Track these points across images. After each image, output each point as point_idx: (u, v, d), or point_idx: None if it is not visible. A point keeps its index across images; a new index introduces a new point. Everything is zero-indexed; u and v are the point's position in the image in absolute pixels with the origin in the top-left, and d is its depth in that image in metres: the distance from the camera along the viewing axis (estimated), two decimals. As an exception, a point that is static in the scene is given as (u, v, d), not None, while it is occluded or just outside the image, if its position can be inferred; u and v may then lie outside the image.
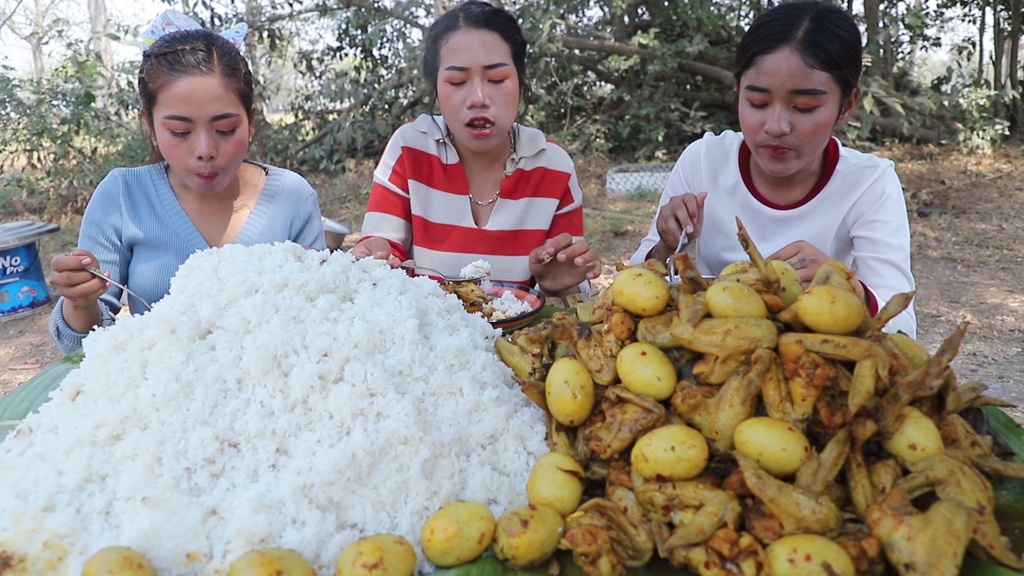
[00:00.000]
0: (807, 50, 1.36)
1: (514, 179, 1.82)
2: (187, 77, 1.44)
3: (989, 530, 0.63)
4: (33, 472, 0.71)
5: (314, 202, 1.81)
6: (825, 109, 1.40)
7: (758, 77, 1.42)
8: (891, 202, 1.55)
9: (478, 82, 1.60)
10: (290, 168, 9.54)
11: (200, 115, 1.45)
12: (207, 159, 1.48)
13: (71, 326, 1.46)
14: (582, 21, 11.18)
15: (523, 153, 1.82)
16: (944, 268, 5.10)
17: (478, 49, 1.59)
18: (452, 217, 1.82)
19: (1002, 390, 3.18)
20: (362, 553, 0.64)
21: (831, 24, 1.38)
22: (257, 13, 10.26)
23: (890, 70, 9.17)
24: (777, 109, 1.42)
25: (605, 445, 0.74)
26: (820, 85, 1.37)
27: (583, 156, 9.24)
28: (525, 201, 1.83)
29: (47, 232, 5.22)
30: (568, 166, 1.88)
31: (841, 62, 1.37)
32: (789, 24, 1.39)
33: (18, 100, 8.33)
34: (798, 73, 1.37)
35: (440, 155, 1.81)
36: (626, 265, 0.88)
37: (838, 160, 1.58)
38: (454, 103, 1.64)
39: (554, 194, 1.85)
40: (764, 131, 1.44)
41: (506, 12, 1.68)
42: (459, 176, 1.81)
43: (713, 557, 0.63)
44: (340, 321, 0.87)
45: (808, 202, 1.61)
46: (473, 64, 1.59)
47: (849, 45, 1.37)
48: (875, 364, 0.68)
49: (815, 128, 1.41)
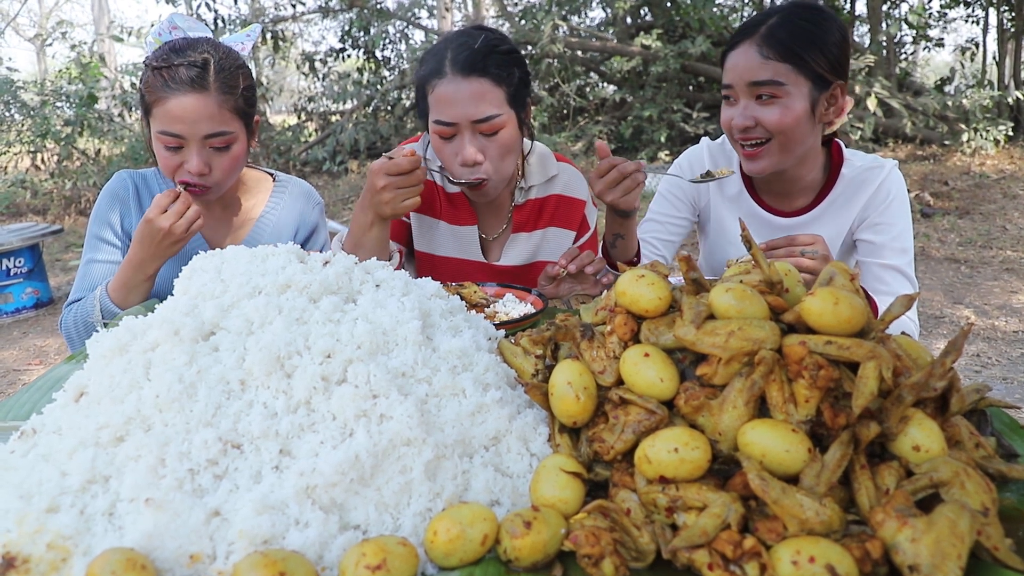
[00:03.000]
0: (764, 42, 1.37)
1: (526, 211, 1.69)
2: (179, 96, 1.41)
3: (993, 532, 0.63)
4: (37, 473, 0.72)
5: (321, 212, 1.79)
6: (790, 101, 1.38)
7: (724, 75, 1.44)
8: (896, 204, 1.52)
9: (468, 137, 1.46)
10: (292, 169, 9.61)
11: (192, 133, 1.43)
12: (197, 175, 1.46)
13: (120, 305, 1.41)
14: (584, 22, 11.18)
15: (533, 181, 1.68)
16: (947, 269, 5.09)
17: (466, 102, 1.43)
18: (458, 250, 1.70)
19: (1006, 391, 3.18)
20: (365, 554, 0.64)
21: (797, 18, 1.37)
22: (260, 15, 10.28)
23: (893, 71, 9.16)
24: (741, 104, 1.42)
25: (608, 446, 0.74)
26: (778, 76, 1.36)
27: (586, 157, 9.23)
28: (540, 233, 1.71)
29: (51, 233, 5.24)
30: (584, 192, 1.74)
31: (803, 53, 1.35)
32: (757, 22, 1.40)
33: (22, 102, 8.37)
34: (754, 64, 1.37)
35: (442, 183, 1.67)
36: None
37: (842, 164, 1.55)
38: (446, 156, 1.51)
39: (571, 225, 1.73)
40: (732, 126, 1.44)
41: (500, 47, 1.47)
42: (464, 206, 1.68)
43: (716, 559, 0.63)
44: (343, 322, 0.87)
45: (814, 208, 1.57)
46: (461, 119, 1.44)
47: (817, 37, 1.36)
48: (879, 365, 0.68)
49: (781, 119, 1.39)
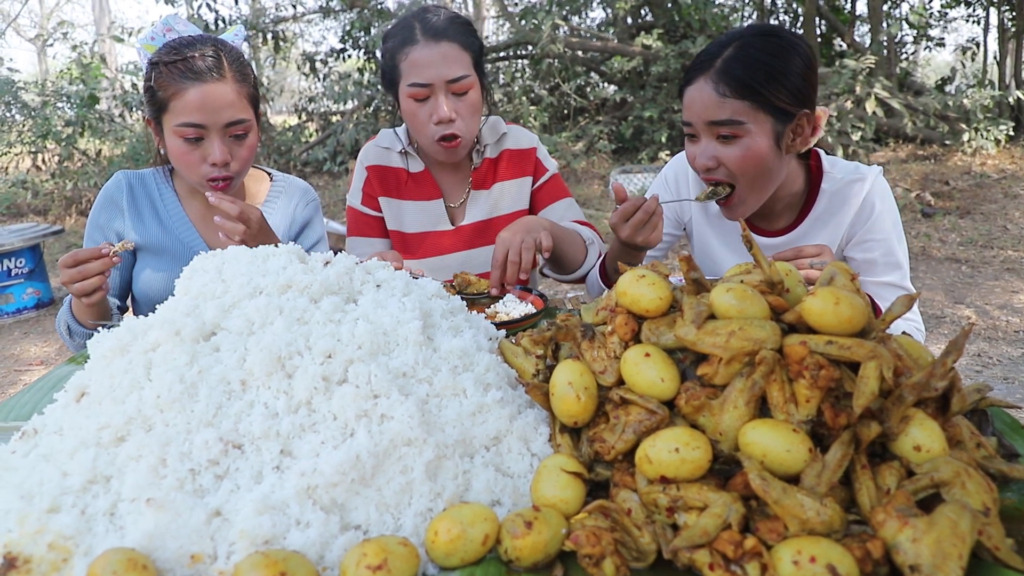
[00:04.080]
0: (719, 79, 1.30)
1: (483, 170, 1.81)
2: (200, 84, 1.43)
3: (994, 532, 0.63)
4: (38, 473, 0.72)
5: (315, 208, 1.79)
6: (751, 139, 1.31)
7: (684, 111, 1.38)
8: (882, 217, 1.45)
9: (442, 97, 1.58)
10: (293, 169, 9.61)
11: (214, 122, 1.44)
12: (222, 165, 1.47)
13: (81, 323, 1.46)
14: (585, 22, 11.18)
15: (487, 141, 1.81)
16: (948, 269, 5.09)
17: (440, 63, 1.56)
18: (427, 224, 1.80)
19: (1007, 391, 3.18)
20: (366, 554, 0.64)
21: (754, 49, 1.30)
22: (261, 15, 10.28)
23: (894, 70, 9.15)
24: (703, 143, 1.36)
25: (609, 447, 0.74)
26: (736, 115, 1.30)
27: (586, 157, 9.24)
28: (496, 187, 1.82)
29: (51, 234, 5.24)
30: (531, 141, 1.85)
31: (761, 88, 1.28)
32: (713, 54, 1.33)
33: (23, 102, 8.38)
34: (711, 104, 1.31)
35: (405, 165, 1.79)
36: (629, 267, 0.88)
37: (823, 177, 1.48)
38: (420, 119, 1.62)
39: (524, 172, 1.83)
40: (696, 166, 1.39)
41: (462, 17, 1.65)
42: (428, 182, 1.80)
43: (717, 559, 0.63)
44: (344, 323, 0.87)
45: (798, 227, 1.52)
46: (436, 80, 1.57)
47: (774, 70, 1.28)
48: (880, 365, 0.68)
49: (744, 160, 1.33)
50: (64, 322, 1.49)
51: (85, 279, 1.30)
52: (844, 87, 7.80)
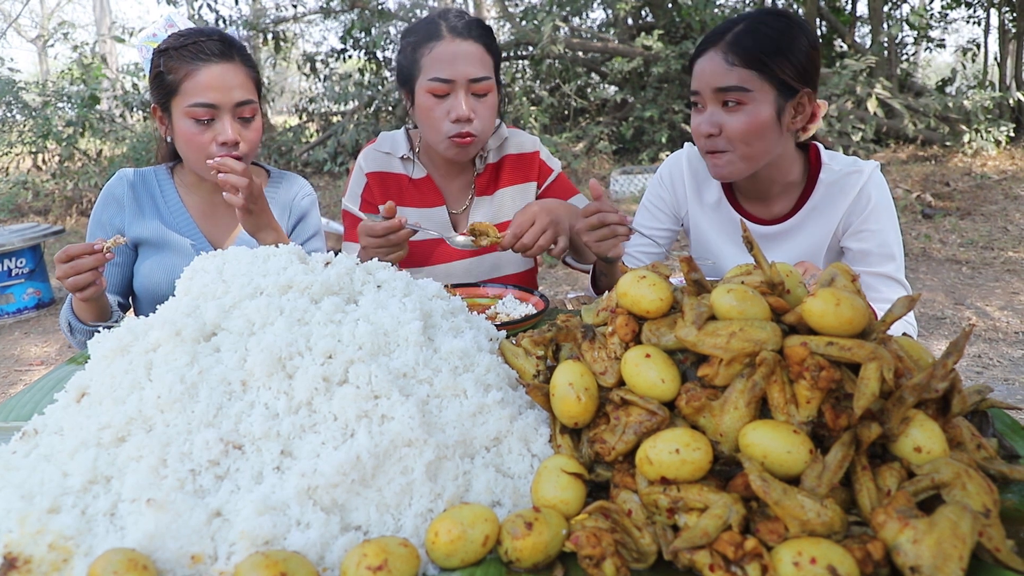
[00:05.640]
0: (728, 49, 1.36)
1: (486, 175, 1.81)
2: (211, 65, 1.48)
3: (995, 533, 0.63)
4: (38, 474, 0.72)
5: (312, 201, 1.80)
6: (755, 107, 1.37)
7: (692, 81, 1.44)
8: (879, 209, 1.48)
9: (463, 95, 1.58)
10: (294, 170, 9.61)
11: (225, 101, 1.49)
12: (232, 144, 1.50)
13: (81, 320, 1.47)
14: (585, 23, 11.18)
15: (489, 147, 1.80)
16: (949, 270, 5.09)
17: (463, 61, 1.56)
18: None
19: (1007, 392, 3.17)
20: (366, 555, 0.64)
21: (762, 24, 1.37)
22: (261, 15, 10.29)
23: (895, 71, 9.15)
24: (708, 111, 1.42)
25: (609, 447, 0.74)
26: (742, 82, 1.36)
27: (587, 158, 9.24)
28: (500, 193, 1.81)
29: (52, 234, 5.25)
30: (533, 144, 1.85)
31: (768, 60, 1.35)
32: (724, 29, 1.40)
33: (23, 103, 8.38)
34: (719, 71, 1.37)
35: (407, 171, 1.77)
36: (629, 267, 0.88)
37: (821, 169, 1.52)
38: (436, 115, 1.60)
39: (528, 177, 1.83)
40: (698, 132, 1.44)
41: (485, 23, 1.66)
42: (430, 189, 1.78)
43: (718, 560, 0.63)
44: (344, 323, 0.87)
45: (794, 216, 1.54)
46: (459, 77, 1.56)
47: (783, 45, 1.35)
48: (880, 366, 0.68)
49: (746, 127, 1.38)
50: (66, 319, 1.50)
51: (78, 274, 1.31)
52: (845, 88, 7.80)
